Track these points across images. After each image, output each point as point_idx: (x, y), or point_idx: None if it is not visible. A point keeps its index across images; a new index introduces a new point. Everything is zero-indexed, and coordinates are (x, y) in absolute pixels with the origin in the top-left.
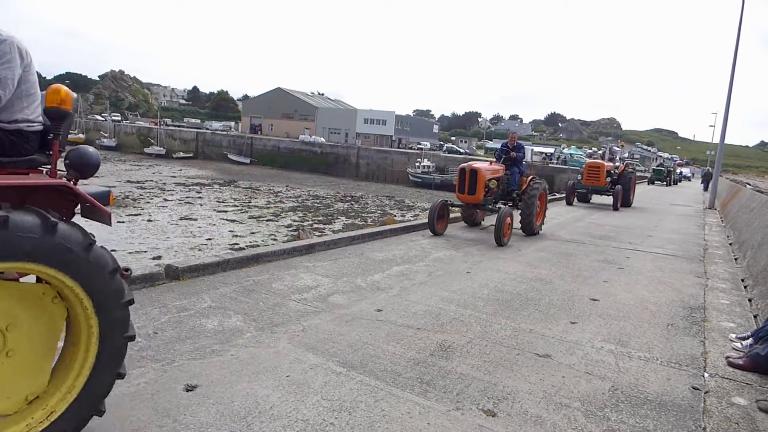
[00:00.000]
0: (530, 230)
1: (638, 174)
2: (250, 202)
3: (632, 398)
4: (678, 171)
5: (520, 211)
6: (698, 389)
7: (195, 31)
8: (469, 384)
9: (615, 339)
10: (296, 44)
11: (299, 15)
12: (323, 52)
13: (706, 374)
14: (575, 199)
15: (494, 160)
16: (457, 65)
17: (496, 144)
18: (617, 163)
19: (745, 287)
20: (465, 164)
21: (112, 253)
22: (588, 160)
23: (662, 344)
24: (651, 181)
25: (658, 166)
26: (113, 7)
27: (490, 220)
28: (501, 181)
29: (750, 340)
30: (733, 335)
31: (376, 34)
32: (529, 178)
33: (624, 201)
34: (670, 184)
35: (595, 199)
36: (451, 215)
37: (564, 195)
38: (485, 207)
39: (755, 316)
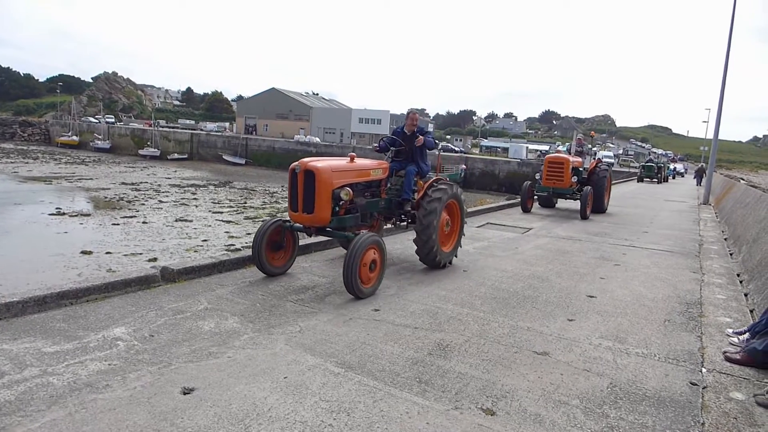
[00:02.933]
0: (432, 261)
1: (630, 170)
2: (245, 203)
3: (631, 395)
4: (672, 167)
5: (415, 234)
6: (696, 384)
7: (189, 32)
8: (468, 383)
9: (612, 335)
10: (290, 44)
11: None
12: (317, 52)
13: (703, 369)
14: (533, 204)
15: (384, 155)
16: (452, 64)
17: (491, 143)
18: (587, 159)
19: (740, 282)
20: (297, 163)
21: (108, 255)
22: (548, 155)
23: (659, 340)
24: (640, 179)
25: (647, 161)
26: (106, 8)
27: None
28: (374, 187)
29: (747, 335)
30: (730, 330)
31: (370, 34)
32: (431, 180)
33: (596, 206)
34: (661, 182)
35: (564, 202)
36: None
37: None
38: (335, 234)
39: (751, 311)
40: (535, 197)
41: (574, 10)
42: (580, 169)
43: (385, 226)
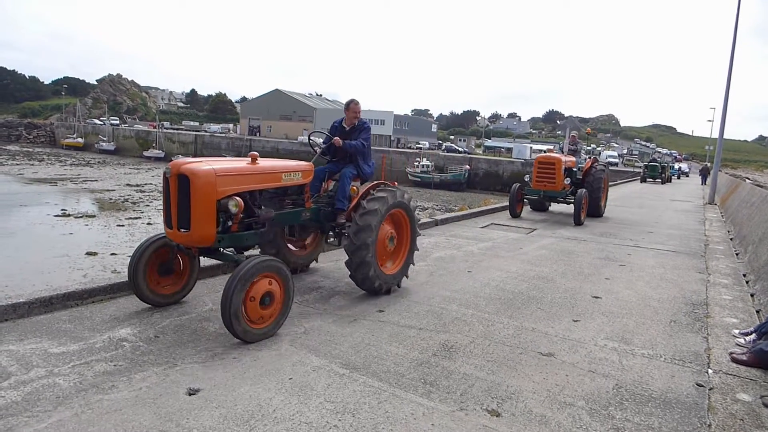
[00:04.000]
0: (370, 287)
1: (634, 169)
2: None
3: (636, 396)
4: (676, 167)
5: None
6: (702, 386)
7: (192, 34)
8: (473, 384)
9: (618, 336)
10: (293, 46)
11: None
12: (320, 53)
13: (710, 370)
14: (523, 208)
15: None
16: (455, 64)
17: (494, 143)
18: (581, 158)
19: (747, 282)
20: (169, 164)
21: (113, 256)
22: (539, 155)
23: (665, 341)
24: (644, 179)
25: (651, 161)
26: (110, 11)
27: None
28: (293, 194)
29: (753, 336)
30: (736, 331)
31: (373, 35)
32: (367, 186)
33: (591, 210)
34: (665, 182)
35: (558, 205)
36: None
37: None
38: (224, 256)
39: (758, 312)
40: (526, 201)
41: (577, 10)
42: (574, 169)
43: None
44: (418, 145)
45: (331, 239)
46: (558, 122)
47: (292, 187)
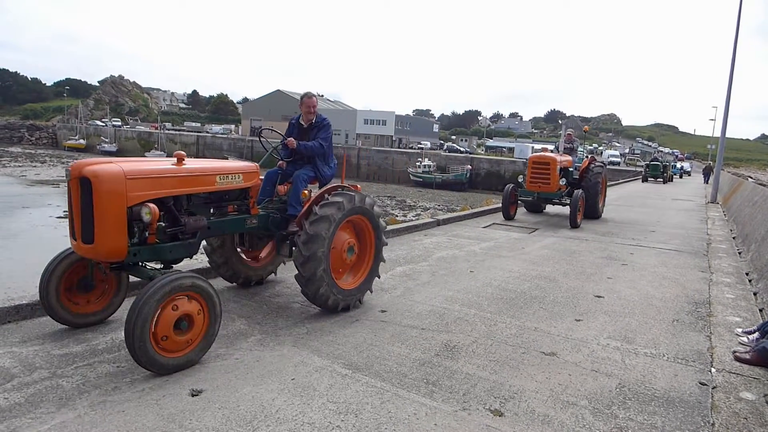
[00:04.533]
0: (324, 303)
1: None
2: None
3: (640, 395)
4: (679, 166)
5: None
6: (706, 385)
7: (194, 35)
8: (476, 384)
9: (621, 336)
10: (295, 46)
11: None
12: (322, 54)
13: (713, 369)
14: (517, 210)
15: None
16: (457, 64)
17: (496, 143)
18: (579, 157)
19: (749, 281)
20: (70, 166)
21: None
22: (532, 155)
23: (668, 340)
24: (645, 178)
25: (652, 160)
26: (111, 12)
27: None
28: (235, 199)
29: (756, 334)
30: (740, 329)
31: (375, 35)
32: (322, 190)
33: (588, 211)
34: (666, 182)
35: (554, 206)
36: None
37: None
38: (140, 272)
39: (761, 310)
40: (521, 202)
41: (580, 11)
42: (570, 169)
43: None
44: (419, 145)
45: (283, 250)
46: (560, 122)
47: (232, 192)
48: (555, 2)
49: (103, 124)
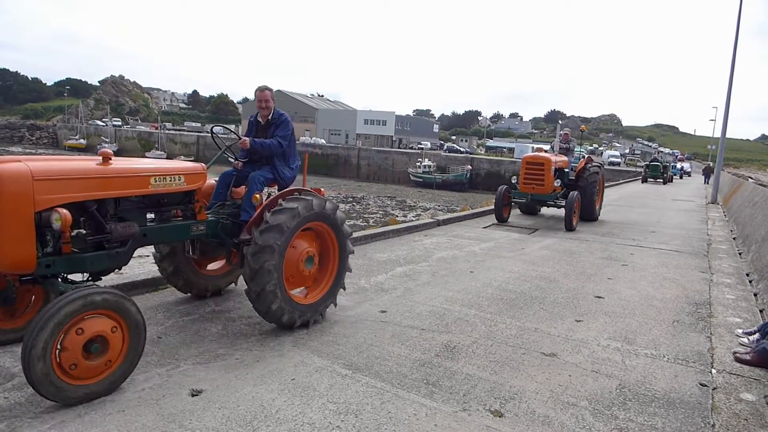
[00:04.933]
0: (277, 320)
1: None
2: None
3: (640, 396)
4: (679, 166)
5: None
6: (706, 385)
7: (194, 35)
8: (476, 384)
9: (621, 336)
10: (295, 46)
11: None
12: (322, 54)
13: (713, 370)
14: (510, 212)
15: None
16: (457, 65)
17: (496, 143)
18: (575, 157)
19: (750, 282)
20: None
21: None
22: (526, 155)
23: (668, 341)
24: (645, 179)
25: (652, 160)
26: (112, 12)
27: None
28: (177, 203)
29: (757, 335)
30: (740, 330)
31: (375, 35)
32: (276, 195)
33: (584, 213)
34: (666, 182)
35: (548, 209)
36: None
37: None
38: (54, 285)
39: (761, 311)
40: (514, 204)
41: (580, 11)
42: (566, 170)
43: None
44: (419, 146)
45: (235, 261)
46: (560, 122)
47: (173, 195)
48: (555, 2)
49: (104, 124)
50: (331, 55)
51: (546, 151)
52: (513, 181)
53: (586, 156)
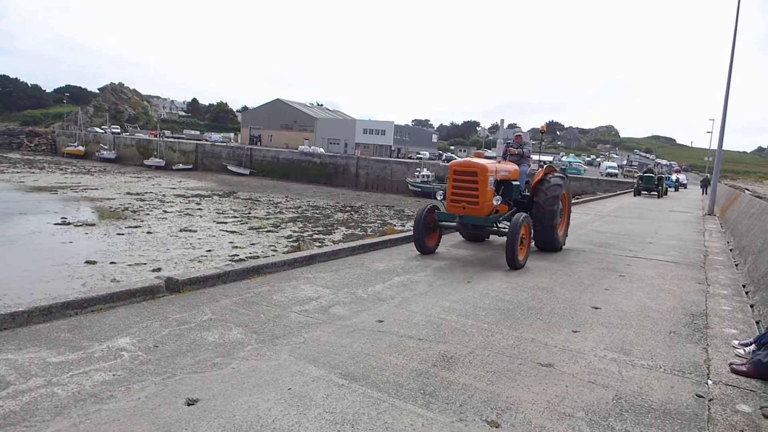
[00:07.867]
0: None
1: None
2: (249, 213)
3: (636, 407)
4: (674, 178)
5: None
6: (702, 397)
7: (194, 43)
8: (472, 395)
9: (618, 347)
10: (295, 56)
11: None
12: (321, 64)
13: (709, 381)
14: (439, 239)
15: None
16: (456, 75)
17: (495, 153)
18: (529, 167)
19: (746, 293)
20: None
21: (112, 265)
22: (453, 161)
23: (665, 352)
24: (638, 191)
25: (645, 171)
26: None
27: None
28: None
29: (753, 347)
30: (736, 342)
31: (374, 45)
32: None
33: (542, 241)
34: (661, 195)
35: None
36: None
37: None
38: None
39: (757, 322)
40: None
41: (578, 23)
42: (515, 182)
43: None
44: (418, 156)
45: None
46: (558, 133)
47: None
48: (554, 14)
49: (102, 131)
50: (330, 65)
51: (487, 157)
52: (439, 198)
53: (547, 165)
